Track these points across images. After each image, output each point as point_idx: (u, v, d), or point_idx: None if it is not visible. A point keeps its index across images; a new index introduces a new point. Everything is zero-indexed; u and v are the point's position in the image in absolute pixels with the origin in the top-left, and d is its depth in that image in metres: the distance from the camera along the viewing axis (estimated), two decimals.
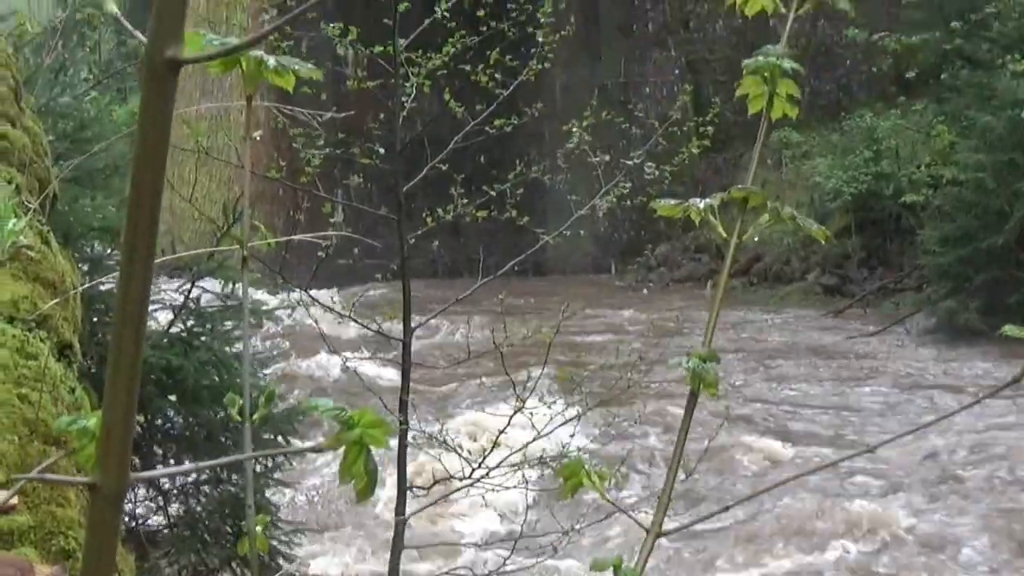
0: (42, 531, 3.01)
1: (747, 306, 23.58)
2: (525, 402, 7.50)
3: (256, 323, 8.63)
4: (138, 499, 7.85)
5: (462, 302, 7.87)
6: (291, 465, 8.69)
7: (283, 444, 7.83)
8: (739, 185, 2.30)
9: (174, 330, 7.50)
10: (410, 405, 7.44)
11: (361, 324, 7.83)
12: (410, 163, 8.14)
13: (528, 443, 7.60)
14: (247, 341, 1.75)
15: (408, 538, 7.34)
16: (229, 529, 7.76)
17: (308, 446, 1.08)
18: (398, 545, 6.94)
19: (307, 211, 14.28)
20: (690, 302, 23.56)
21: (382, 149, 8.43)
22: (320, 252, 7.52)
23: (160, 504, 7.93)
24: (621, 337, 19.36)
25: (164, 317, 7.67)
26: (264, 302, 9.12)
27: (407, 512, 7.11)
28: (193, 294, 7.70)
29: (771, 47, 2.39)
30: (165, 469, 7.82)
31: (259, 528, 1.94)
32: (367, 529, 11.39)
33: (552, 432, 7.81)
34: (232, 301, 7.87)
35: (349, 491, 1.96)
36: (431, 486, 7.56)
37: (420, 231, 8.33)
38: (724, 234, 2.27)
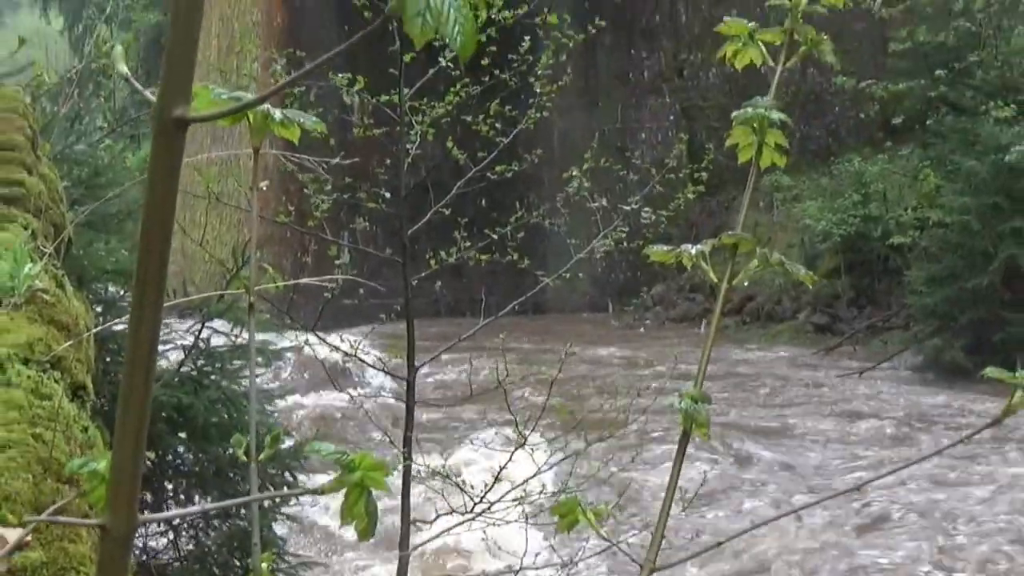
0: (54, 567, 3.01)
1: (740, 344, 23.59)
2: (526, 439, 7.49)
3: (264, 363, 8.62)
4: (149, 533, 7.83)
5: (464, 340, 7.88)
6: (297, 500, 8.67)
7: (290, 480, 7.81)
8: (730, 231, 2.30)
9: (184, 369, 7.49)
10: (414, 441, 7.43)
11: (367, 363, 7.84)
12: (414, 207, 8.16)
13: (528, 479, 7.59)
14: (254, 383, 1.75)
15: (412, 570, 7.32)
16: (238, 563, 7.74)
17: (311, 489, 1.08)
18: None
19: (314, 253, 14.31)
20: (685, 341, 23.55)
21: (388, 194, 8.45)
22: (326, 294, 7.54)
23: (170, 539, 7.90)
24: (618, 374, 19.41)
25: (175, 356, 7.66)
26: (272, 342, 9.11)
27: (410, 546, 7.09)
28: (203, 334, 7.69)
29: (760, 98, 2.41)
30: (173, 511, 7.79)
31: (264, 565, 1.94)
32: (373, 560, 11.36)
33: (552, 468, 7.82)
34: (241, 341, 7.86)
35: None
36: (434, 520, 7.54)
37: (424, 273, 8.35)
38: (715, 278, 2.27)
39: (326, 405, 16.37)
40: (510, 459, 7.48)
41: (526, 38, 9.30)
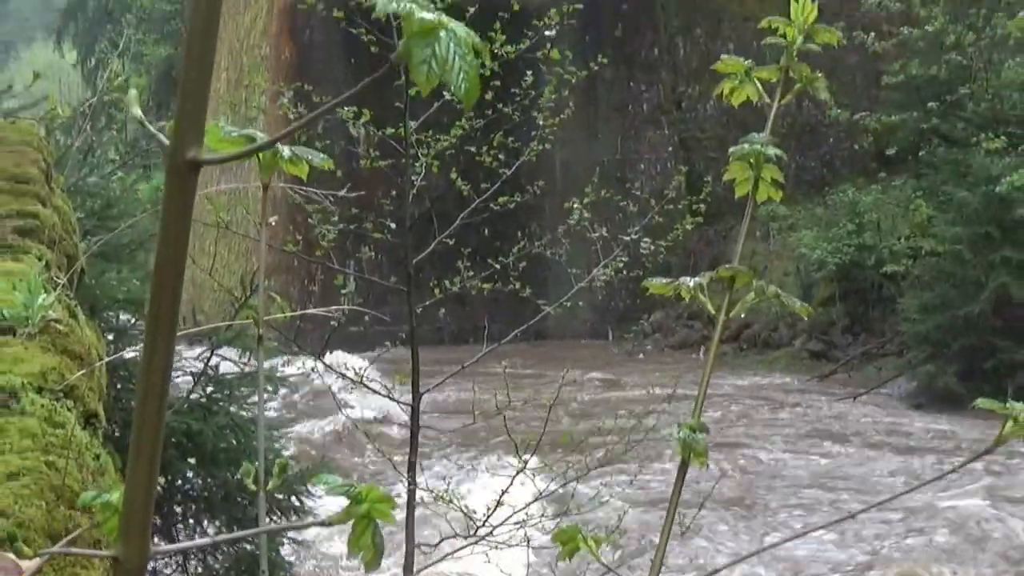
0: None
1: (738, 370, 23.58)
2: (527, 463, 7.48)
3: (272, 390, 8.62)
4: (158, 558, 7.81)
5: (467, 367, 7.88)
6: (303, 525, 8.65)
7: (296, 505, 7.80)
8: (728, 262, 2.31)
9: (194, 396, 7.49)
10: (418, 466, 7.42)
11: (372, 390, 7.83)
12: (418, 236, 8.17)
13: (530, 503, 7.58)
14: (262, 412, 1.75)
15: None
16: None
17: (320, 521, 1.08)
18: None
19: (320, 282, 14.32)
20: (683, 367, 23.53)
21: (393, 224, 8.47)
22: (333, 322, 7.54)
23: (179, 562, 7.88)
24: (617, 400, 19.39)
25: (185, 383, 7.66)
26: (280, 369, 9.11)
27: (415, 569, 7.07)
28: (212, 362, 7.69)
29: (756, 135, 2.42)
30: (184, 543, 7.78)
31: None
32: None
33: (552, 493, 7.81)
34: (249, 368, 7.86)
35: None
36: (438, 543, 7.53)
37: (428, 302, 8.35)
38: (712, 310, 2.28)
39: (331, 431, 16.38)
40: (511, 483, 7.47)
41: (528, 73, 9.34)
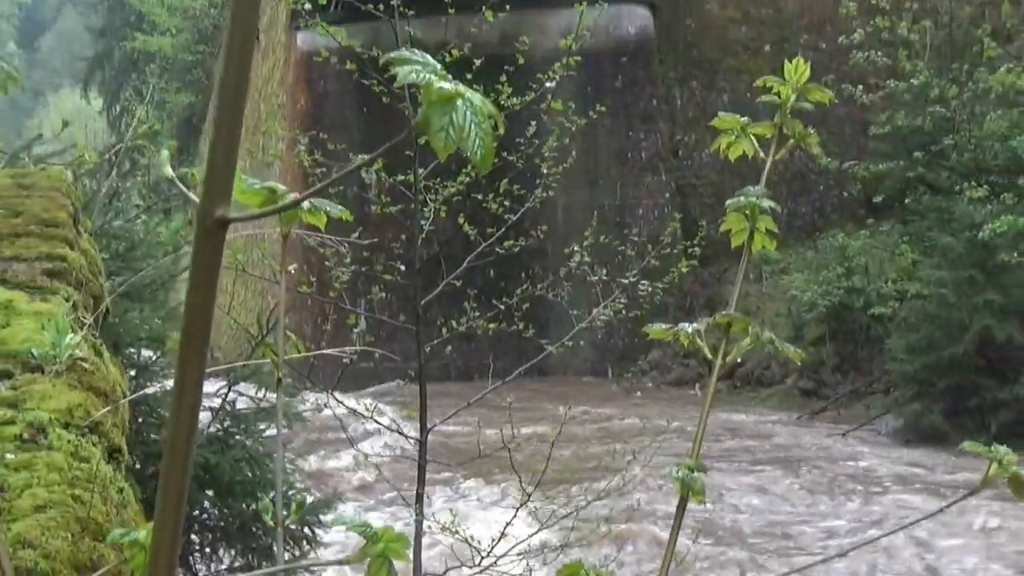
0: None
1: (731, 407, 23.51)
2: (530, 496, 7.48)
3: (287, 424, 8.62)
4: None
5: (473, 403, 7.88)
6: (316, 556, 8.62)
7: (309, 536, 7.78)
8: (724, 303, 2.32)
9: (212, 430, 7.49)
10: (425, 498, 7.41)
11: (382, 425, 7.84)
12: (427, 278, 8.18)
13: (532, 534, 7.57)
14: (280, 454, 1.75)
15: None
16: None
17: (336, 560, 1.09)
18: None
19: (333, 321, 14.34)
20: (679, 403, 23.53)
21: (403, 266, 8.49)
22: (345, 360, 7.54)
23: None
24: (616, 433, 19.33)
25: (203, 418, 7.66)
26: (293, 404, 9.11)
27: None
28: (229, 397, 7.70)
29: (751, 187, 2.43)
30: None
31: None
32: None
33: (554, 524, 7.80)
34: (264, 404, 7.87)
35: None
36: (444, 573, 7.51)
37: (436, 340, 8.37)
38: (710, 355, 2.28)
39: (342, 463, 16.33)
40: (515, 515, 7.46)
41: (532, 123, 9.38)
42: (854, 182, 27.13)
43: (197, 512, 7.77)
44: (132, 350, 7.32)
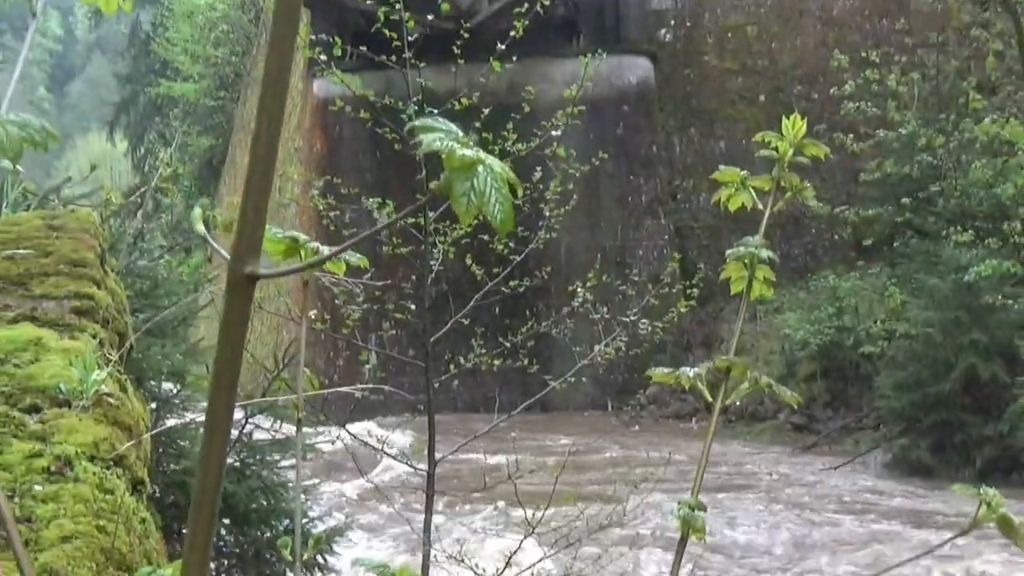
0: None
1: (726, 441, 23.44)
2: (535, 528, 7.45)
3: (302, 457, 8.61)
4: None
5: (479, 436, 7.86)
6: None
7: (322, 563, 7.77)
8: (721, 341, 2.32)
9: (229, 460, 7.48)
10: (433, 527, 7.38)
11: (392, 456, 7.81)
12: (435, 314, 8.19)
13: (536, 562, 7.54)
14: (299, 490, 1.75)
15: None
16: None
17: None
18: None
19: (345, 357, 14.35)
20: (676, 436, 23.49)
21: (413, 306, 8.50)
22: (357, 395, 7.54)
23: None
24: (615, 465, 19.27)
25: None
26: (308, 435, 9.11)
27: None
28: (246, 428, 7.70)
29: (750, 238, 2.44)
30: None
31: None
32: None
33: (558, 552, 7.75)
34: (279, 436, 7.87)
35: None
36: None
37: (444, 376, 8.36)
38: (710, 398, 2.28)
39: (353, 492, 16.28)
40: (519, 546, 7.43)
41: (538, 168, 9.41)
42: (845, 226, 27.16)
43: (214, 539, 7.75)
44: (153, 383, 7.33)
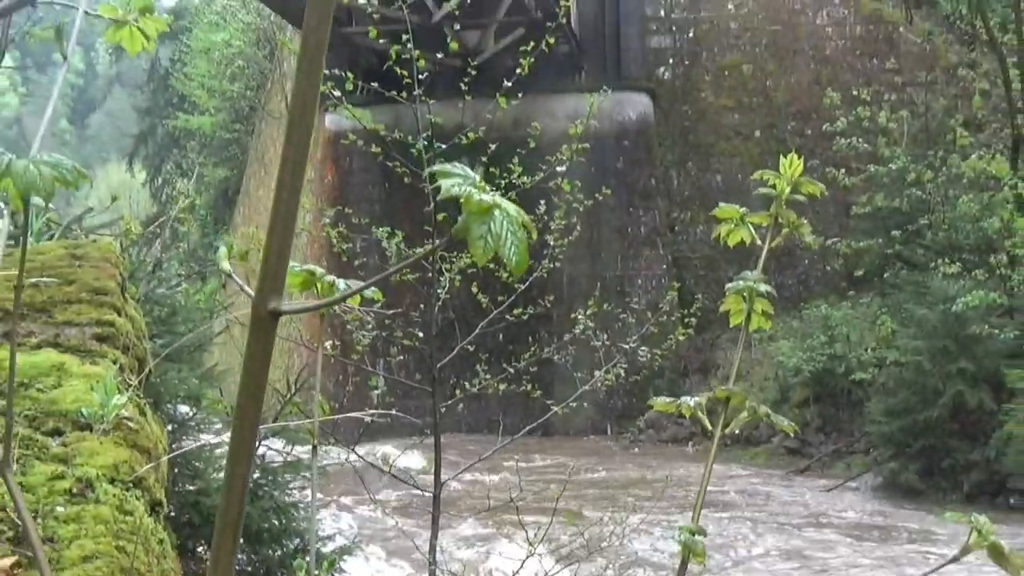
0: None
1: (723, 464, 23.39)
2: (536, 548, 7.43)
3: (311, 478, 8.60)
4: None
5: (484, 459, 7.86)
6: None
7: None
8: (723, 384, 2.31)
9: None
10: (438, 548, 7.37)
11: (399, 479, 7.81)
12: (442, 340, 8.20)
13: None
14: (314, 515, 1.75)
15: None
16: None
17: None
18: None
19: (355, 382, 14.34)
20: (674, 459, 23.47)
21: (420, 333, 8.50)
22: (366, 419, 7.53)
23: None
24: (615, 485, 19.23)
25: None
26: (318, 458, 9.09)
27: None
28: (259, 451, 7.69)
29: (749, 272, 2.44)
30: None
31: None
32: None
33: (559, 572, 7.73)
34: (291, 458, 7.86)
35: None
36: None
37: (451, 401, 8.36)
38: (710, 427, 2.28)
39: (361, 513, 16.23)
40: (522, 566, 7.42)
41: (542, 201, 9.44)
42: (837, 257, 27.18)
43: None
44: (170, 406, 7.33)
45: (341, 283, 1.92)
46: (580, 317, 9.60)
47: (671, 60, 31.67)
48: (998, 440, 18.47)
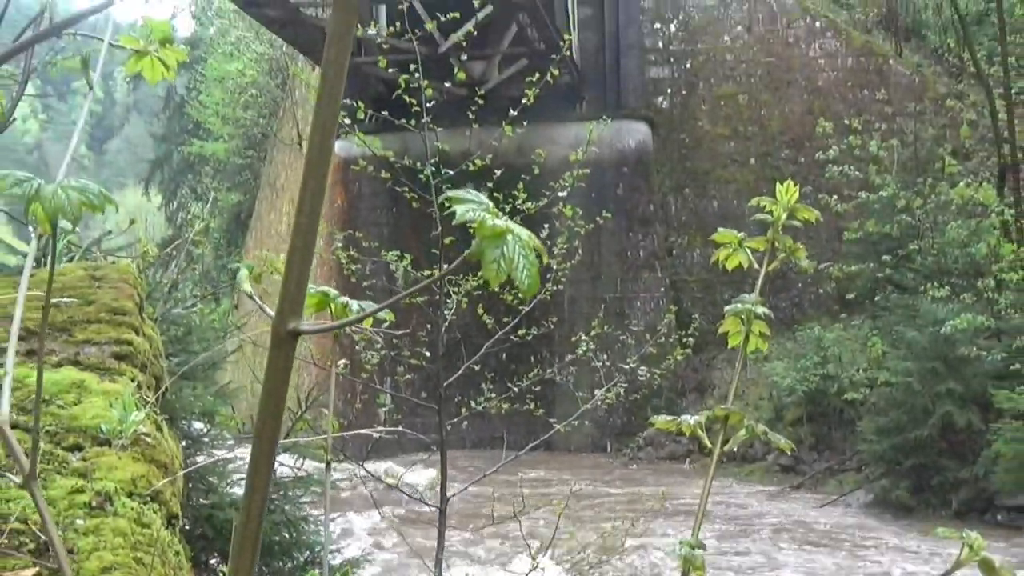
0: None
1: (719, 480, 23.35)
2: (538, 564, 7.41)
3: (321, 493, 8.58)
4: None
5: (488, 475, 7.84)
6: None
7: None
8: (721, 403, 2.32)
9: None
10: (444, 562, 7.35)
11: (406, 494, 7.79)
12: (447, 359, 8.20)
13: None
14: (327, 530, 1.75)
15: None
16: None
17: None
18: None
19: (363, 400, 14.35)
20: (671, 476, 23.43)
21: (427, 351, 8.51)
22: (374, 435, 7.53)
23: None
24: (614, 501, 19.19)
25: None
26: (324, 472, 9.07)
27: None
28: None
29: (747, 295, 2.44)
30: None
31: None
32: None
33: None
34: (301, 473, 7.85)
35: None
36: None
37: (456, 419, 8.35)
38: (709, 444, 2.28)
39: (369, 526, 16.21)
40: None
41: (545, 225, 9.45)
42: (829, 281, 27.20)
43: None
44: (185, 422, 7.33)
45: (355, 304, 1.93)
46: (581, 338, 9.60)
47: (669, 90, 31.75)
48: (986, 458, 18.44)
